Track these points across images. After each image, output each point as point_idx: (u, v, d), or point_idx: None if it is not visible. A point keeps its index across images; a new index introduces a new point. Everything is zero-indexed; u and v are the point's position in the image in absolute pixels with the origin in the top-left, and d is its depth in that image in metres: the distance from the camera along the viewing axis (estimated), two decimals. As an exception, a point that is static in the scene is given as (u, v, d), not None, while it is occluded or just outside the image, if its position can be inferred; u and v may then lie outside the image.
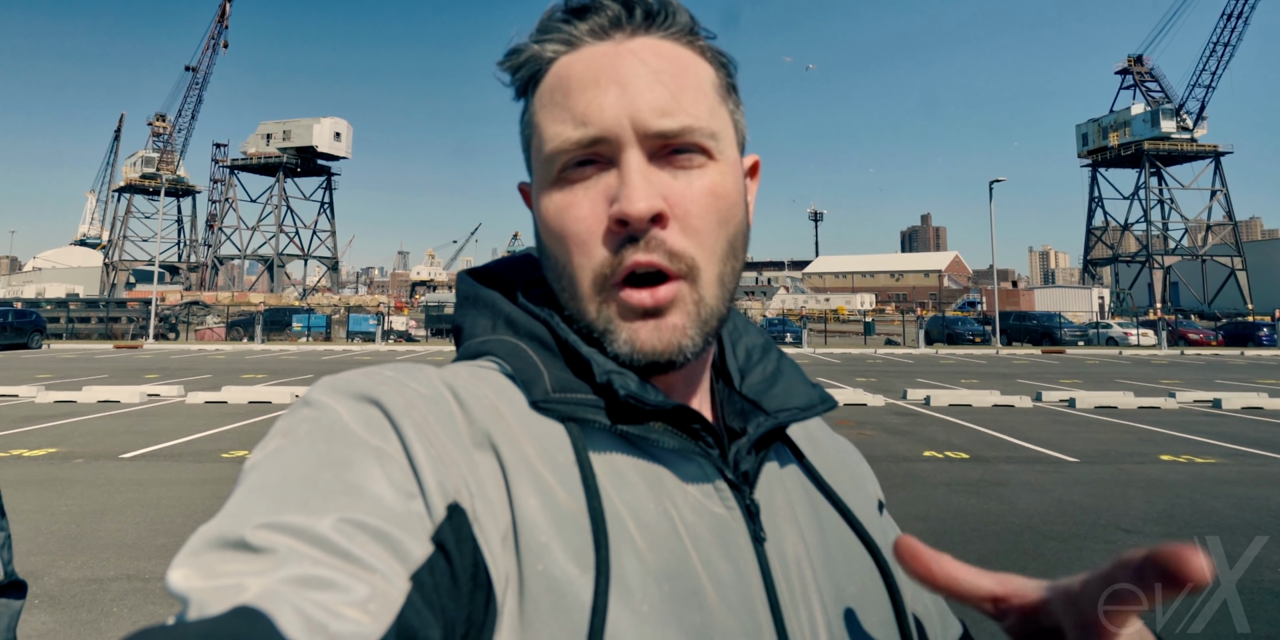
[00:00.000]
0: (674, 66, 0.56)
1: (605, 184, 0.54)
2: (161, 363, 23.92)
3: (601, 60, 0.55)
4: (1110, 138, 75.11)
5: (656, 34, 0.57)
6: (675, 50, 0.57)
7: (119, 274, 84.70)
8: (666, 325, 0.54)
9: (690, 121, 0.54)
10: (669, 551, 0.50)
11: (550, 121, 0.56)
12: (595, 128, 0.53)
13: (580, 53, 0.56)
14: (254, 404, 13.06)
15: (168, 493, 6.75)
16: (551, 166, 0.56)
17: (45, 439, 9.40)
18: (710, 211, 0.55)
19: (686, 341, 0.55)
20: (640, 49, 0.56)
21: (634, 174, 0.53)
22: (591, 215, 0.54)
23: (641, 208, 0.52)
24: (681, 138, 0.54)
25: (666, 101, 0.54)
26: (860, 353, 33.09)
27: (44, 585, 4.45)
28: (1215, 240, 73.30)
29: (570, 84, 0.55)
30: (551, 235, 0.57)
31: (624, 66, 0.55)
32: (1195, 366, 25.41)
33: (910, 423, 11.58)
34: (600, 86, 0.54)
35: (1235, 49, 66.50)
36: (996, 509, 6.39)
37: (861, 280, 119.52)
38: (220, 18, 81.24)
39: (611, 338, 0.55)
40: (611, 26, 0.56)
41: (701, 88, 0.57)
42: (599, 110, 0.53)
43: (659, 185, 0.54)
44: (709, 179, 0.55)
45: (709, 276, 0.55)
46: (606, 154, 0.54)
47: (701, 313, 0.55)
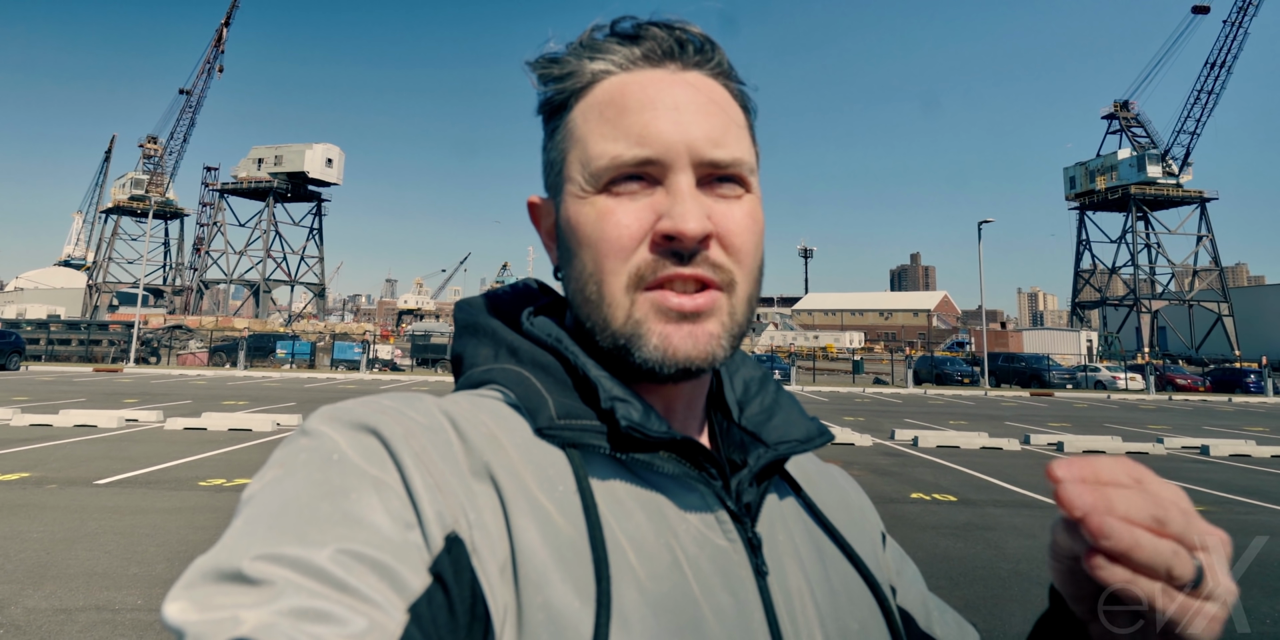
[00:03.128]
0: (721, 102, 0.58)
1: (652, 200, 0.55)
2: (141, 387, 23.63)
3: (659, 85, 0.57)
4: (1097, 181, 76.05)
5: (704, 70, 0.59)
6: (719, 88, 0.59)
7: (102, 296, 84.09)
8: (703, 332, 0.55)
9: (739, 155, 0.57)
10: (670, 583, 0.49)
11: (599, 138, 0.56)
12: (652, 149, 0.55)
13: (634, 75, 0.58)
14: (234, 431, 12.88)
15: (142, 520, 6.61)
16: (598, 179, 0.56)
17: (18, 463, 9.22)
18: (749, 234, 0.57)
19: (720, 350, 0.55)
20: (693, 82, 0.58)
21: (687, 196, 0.54)
22: (636, 223, 0.55)
23: (694, 227, 0.53)
24: (729, 169, 0.56)
25: (719, 133, 0.56)
26: (848, 391, 33.08)
27: (9, 614, 4.32)
28: (1202, 285, 74.00)
29: (626, 103, 0.56)
30: (584, 241, 0.56)
31: (680, 95, 0.56)
32: (1183, 412, 25.48)
33: (898, 463, 11.52)
34: (657, 110, 0.55)
35: (1219, 97, 67.62)
36: (984, 553, 6.32)
37: (850, 318, 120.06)
38: (217, 42, 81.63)
39: (641, 342, 0.55)
40: (665, 56, 0.58)
41: (741, 125, 0.59)
42: (657, 132, 0.55)
43: (706, 209, 0.55)
44: (747, 208, 0.57)
45: (742, 293, 0.57)
46: (655, 174, 0.56)
47: (733, 326, 0.57)
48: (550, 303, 0.67)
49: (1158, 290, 75.12)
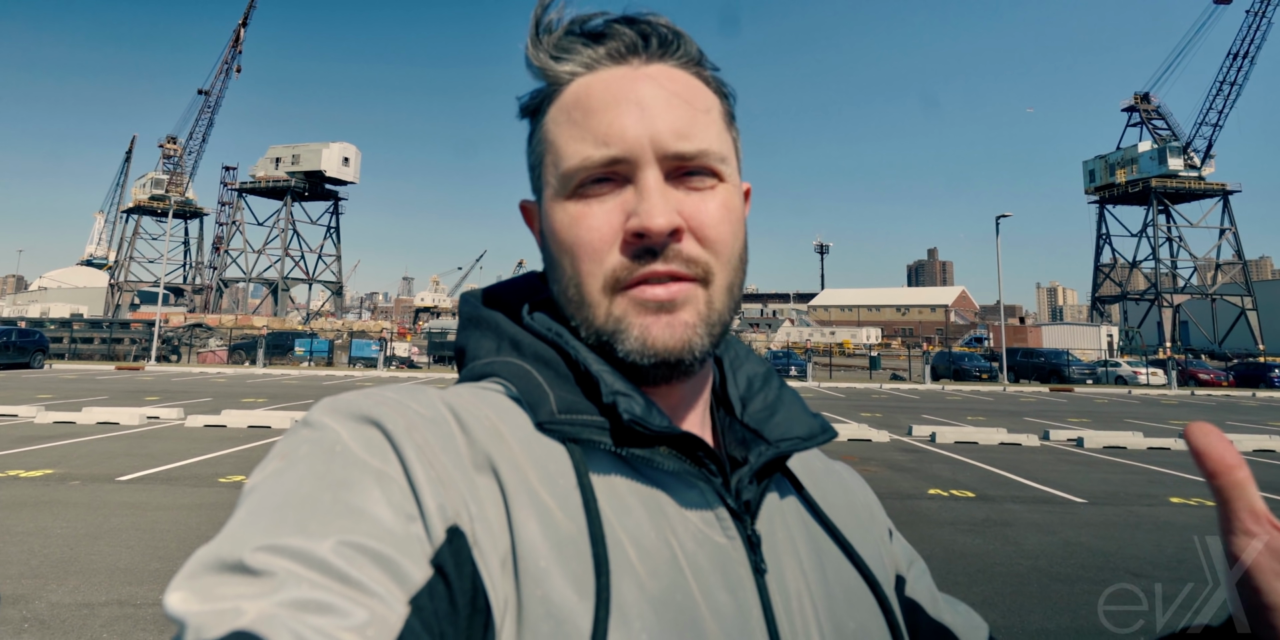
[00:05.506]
0: (687, 93, 0.58)
1: (621, 200, 0.56)
2: (162, 385, 23.86)
3: (621, 83, 0.57)
4: (1118, 174, 75.40)
5: (669, 62, 0.59)
6: (686, 78, 0.59)
7: (124, 295, 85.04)
8: (679, 321, 0.55)
9: (705, 145, 0.56)
10: (669, 580, 0.49)
11: (569, 140, 0.57)
12: (616, 148, 0.55)
13: (599, 75, 0.58)
14: (253, 428, 12.99)
15: (164, 516, 6.68)
16: (569, 182, 0.57)
17: (42, 460, 9.33)
18: (723, 224, 0.57)
19: (697, 340, 0.56)
20: (656, 75, 0.58)
21: (653, 191, 0.55)
22: (606, 226, 0.55)
23: (661, 222, 0.53)
24: (697, 160, 0.56)
25: (683, 125, 0.56)
26: (865, 387, 32.91)
27: (34, 609, 4.38)
28: (1225, 279, 73.28)
29: (591, 104, 0.57)
30: (562, 245, 0.57)
31: (643, 90, 0.56)
32: (1206, 407, 25.20)
33: (915, 460, 11.45)
34: (620, 108, 0.56)
35: (1242, 88, 66.85)
36: (1002, 550, 6.28)
37: (867, 314, 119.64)
38: (234, 43, 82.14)
39: (622, 337, 0.55)
40: (628, 52, 0.58)
41: (711, 114, 0.59)
42: (620, 131, 0.55)
43: (675, 203, 0.56)
44: (720, 198, 0.58)
45: (720, 283, 0.57)
46: (624, 172, 0.56)
47: (711, 315, 0.57)
48: (551, 297, 0.67)
49: (1179, 284, 74.26)
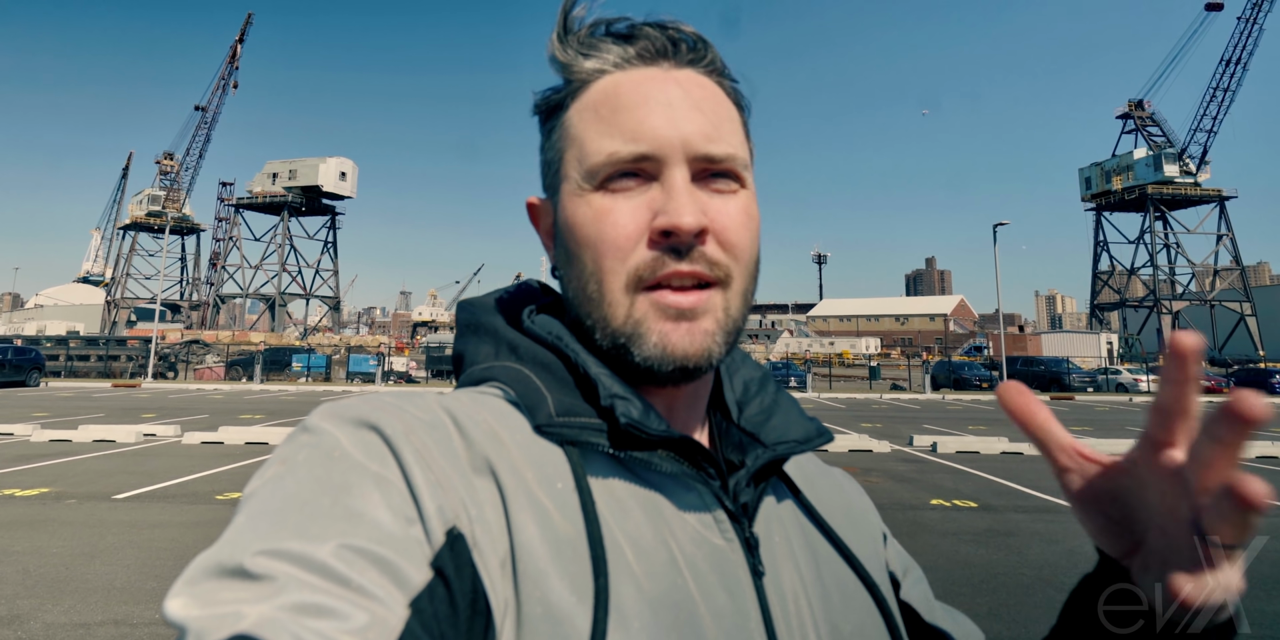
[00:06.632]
0: (714, 99, 0.59)
1: (648, 197, 0.56)
2: (159, 402, 23.79)
3: (652, 83, 0.58)
4: (1113, 181, 75.54)
5: (697, 68, 0.60)
6: (712, 86, 0.60)
7: (120, 312, 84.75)
8: (699, 329, 0.55)
9: (733, 150, 0.57)
10: (667, 582, 0.50)
11: (596, 135, 0.57)
12: (646, 145, 0.55)
13: (629, 74, 0.59)
14: (251, 445, 12.93)
15: (160, 534, 6.63)
16: (594, 176, 0.57)
17: (38, 478, 9.28)
18: (744, 229, 0.57)
19: (715, 347, 0.56)
20: (685, 80, 0.59)
21: (681, 190, 0.55)
22: (632, 222, 0.55)
23: (689, 221, 0.54)
24: (723, 164, 0.57)
25: (711, 129, 0.57)
26: (865, 397, 32.87)
27: (29, 629, 4.34)
28: (1223, 285, 73.33)
29: (620, 102, 0.57)
30: (583, 240, 0.57)
31: (674, 92, 0.57)
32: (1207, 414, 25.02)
33: (917, 470, 11.41)
34: (651, 107, 0.57)
35: (1235, 94, 67.18)
36: (1006, 559, 6.25)
37: (866, 324, 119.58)
38: (231, 59, 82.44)
39: (640, 341, 0.55)
40: (659, 54, 0.60)
41: (735, 121, 0.60)
42: (651, 129, 0.56)
43: (701, 203, 0.56)
44: (742, 203, 0.58)
45: (737, 288, 0.57)
46: (650, 170, 0.56)
47: (728, 323, 0.57)
48: (551, 302, 0.67)
49: (1178, 291, 74.46)
